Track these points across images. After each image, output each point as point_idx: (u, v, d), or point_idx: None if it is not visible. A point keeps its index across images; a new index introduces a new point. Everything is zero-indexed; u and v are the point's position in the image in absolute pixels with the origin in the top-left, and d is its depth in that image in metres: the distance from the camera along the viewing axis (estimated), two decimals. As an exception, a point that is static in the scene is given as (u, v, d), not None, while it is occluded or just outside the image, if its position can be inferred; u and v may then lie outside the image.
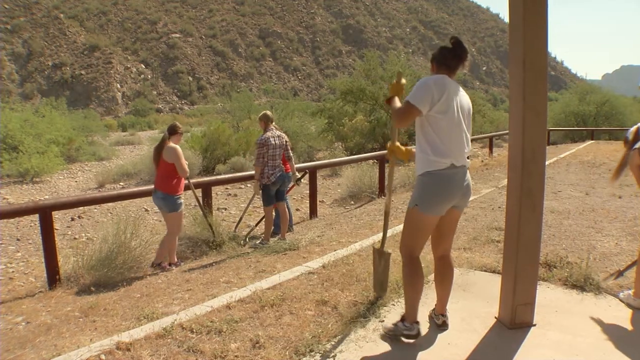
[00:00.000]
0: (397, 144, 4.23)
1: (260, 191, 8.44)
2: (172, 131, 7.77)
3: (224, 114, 38.11)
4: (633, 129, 5.00)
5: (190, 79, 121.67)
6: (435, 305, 4.33)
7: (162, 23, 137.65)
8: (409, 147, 4.23)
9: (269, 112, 8.78)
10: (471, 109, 4.04)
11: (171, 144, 7.63)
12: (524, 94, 3.95)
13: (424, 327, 4.15)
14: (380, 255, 4.49)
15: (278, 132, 8.54)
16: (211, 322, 4.38)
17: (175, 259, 7.69)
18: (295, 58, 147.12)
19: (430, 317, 4.35)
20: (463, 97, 3.90)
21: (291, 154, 8.77)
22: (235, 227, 9.44)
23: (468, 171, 3.96)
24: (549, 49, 4.34)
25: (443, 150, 3.75)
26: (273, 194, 8.48)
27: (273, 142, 8.32)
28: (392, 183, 4.53)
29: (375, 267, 4.66)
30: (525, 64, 3.93)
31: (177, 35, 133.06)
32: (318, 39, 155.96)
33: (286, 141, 8.60)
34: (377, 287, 4.67)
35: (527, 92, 3.96)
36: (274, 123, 8.75)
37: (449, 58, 3.92)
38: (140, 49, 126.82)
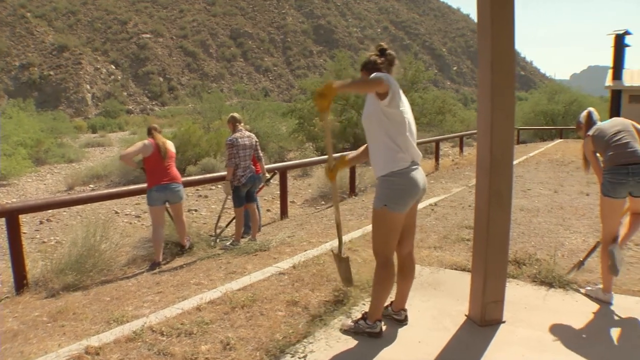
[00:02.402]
0: (334, 161, 4.18)
1: (231, 192, 8.43)
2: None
3: (194, 114, 37.89)
4: (584, 113, 5.13)
5: (161, 79, 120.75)
6: (393, 302, 4.36)
7: (132, 23, 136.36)
8: (343, 154, 4.25)
9: (236, 114, 8.82)
10: None
11: None
12: (492, 95, 3.99)
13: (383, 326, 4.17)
14: (339, 260, 4.51)
15: (247, 133, 8.53)
16: (181, 324, 4.35)
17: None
18: (266, 58, 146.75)
19: (387, 316, 4.36)
20: (405, 97, 3.95)
21: (261, 155, 8.76)
22: (215, 230, 9.38)
23: None
24: (519, 50, 4.40)
25: (406, 147, 3.80)
26: (243, 195, 8.48)
27: (242, 143, 8.32)
28: (338, 198, 4.50)
29: (337, 268, 4.67)
30: (493, 66, 3.98)
31: (148, 35, 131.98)
32: (289, 40, 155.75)
33: (256, 142, 8.59)
34: (345, 283, 4.69)
35: (495, 93, 4.00)
36: (242, 124, 8.75)
37: (380, 64, 3.97)
38: (110, 49, 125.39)
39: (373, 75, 3.72)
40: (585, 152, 5.05)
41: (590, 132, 4.92)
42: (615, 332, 4.26)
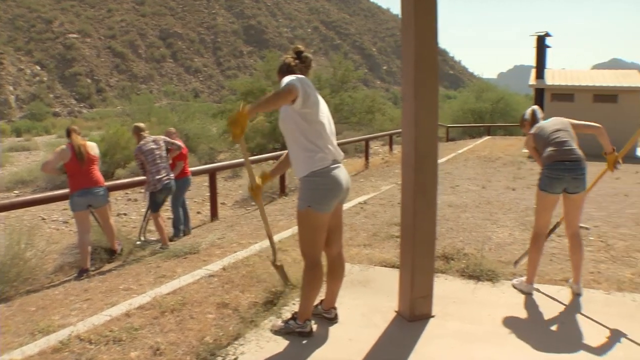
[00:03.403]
0: (258, 179, 4.18)
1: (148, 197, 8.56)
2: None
3: (123, 116, 37.18)
4: (529, 111, 5.36)
5: (89, 81, 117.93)
6: (324, 301, 4.37)
7: (58, 22, 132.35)
8: (263, 171, 4.25)
9: (139, 124, 9.04)
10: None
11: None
12: (415, 92, 4.04)
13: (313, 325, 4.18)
14: (275, 267, 4.50)
15: (152, 138, 8.66)
16: (110, 331, 4.24)
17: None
18: (196, 59, 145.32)
19: (317, 314, 4.37)
20: (320, 97, 3.95)
21: (179, 144, 9.05)
22: (142, 234, 9.22)
23: None
24: (449, 50, 4.46)
25: (325, 146, 3.81)
26: (160, 201, 8.52)
27: (147, 149, 8.41)
28: (265, 214, 4.48)
29: (277, 273, 4.65)
30: (416, 63, 4.02)
31: (75, 35, 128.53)
32: (219, 40, 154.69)
33: (165, 141, 8.73)
34: (283, 281, 4.68)
35: (419, 90, 4.05)
36: (147, 132, 8.94)
37: (294, 67, 3.97)
38: (34, 49, 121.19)
39: (283, 81, 3.68)
40: (528, 148, 5.27)
41: (532, 130, 5.14)
42: (539, 320, 4.42)
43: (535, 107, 5.44)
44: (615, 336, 4.07)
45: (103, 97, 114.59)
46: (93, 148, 7.87)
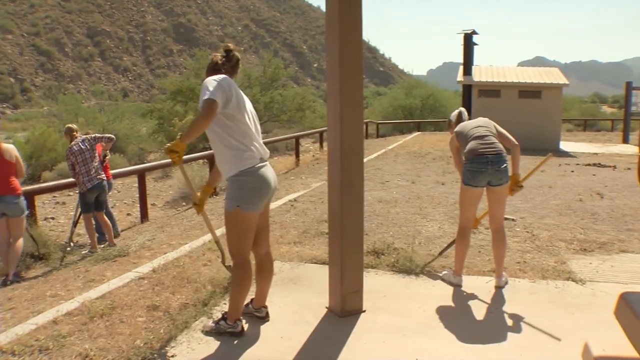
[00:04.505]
0: (197, 193, 4.17)
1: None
2: None
3: (50, 117, 36.20)
4: (456, 112, 5.46)
5: (12, 80, 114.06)
6: (254, 300, 4.36)
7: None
8: (204, 185, 4.24)
9: (71, 125, 9.02)
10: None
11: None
12: (340, 88, 4.05)
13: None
14: (226, 267, 4.47)
15: (82, 137, 8.55)
16: (36, 340, 4.09)
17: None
18: (125, 58, 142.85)
19: (248, 314, 4.36)
20: (245, 96, 3.95)
21: (108, 135, 9.00)
22: (69, 239, 8.99)
23: None
24: (379, 47, 4.49)
25: (252, 145, 3.81)
26: (91, 202, 8.35)
27: (77, 149, 8.27)
28: (211, 224, 4.45)
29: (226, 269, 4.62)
30: (341, 60, 4.04)
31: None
32: (149, 38, 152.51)
33: (93, 137, 8.61)
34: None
35: (344, 86, 4.06)
36: (78, 132, 8.85)
37: (220, 65, 3.97)
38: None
39: (202, 94, 3.65)
40: (450, 148, 5.34)
41: (456, 129, 5.23)
42: (468, 311, 4.53)
43: (462, 109, 5.55)
44: (540, 321, 4.22)
45: (28, 97, 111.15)
46: (8, 151, 7.31)
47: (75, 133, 8.65)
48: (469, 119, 5.38)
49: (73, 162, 8.24)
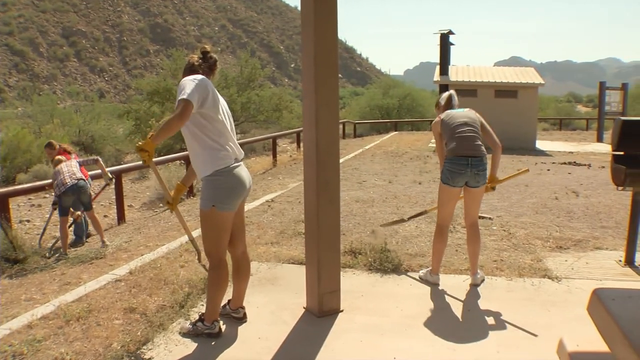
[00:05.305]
0: (171, 193, 4.15)
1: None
2: None
3: (24, 118, 35.78)
4: (446, 94, 5.34)
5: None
6: (231, 301, 4.36)
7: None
8: (178, 184, 4.21)
9: (52, 141, 9.36)
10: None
11: None
12: (316, 88, 4.04)
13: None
14: (202, 266, 4.45)
15: (67, 168, 8.45)
16: (10, 345, 4.04)
17: None
18: (101, 58, 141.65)
19: (225, 315, 4.36)
20: (220, 96, 3.94)
21: (94, 157, 8.86)
22: (40, 240, 8.90)
23: None
24: (356, 47, 4.48)
25: (228, 145, 3.81)
26: (67, 205, 8.25)
27: (66, 169, 8.35)
28: (185, 222, 4.44)
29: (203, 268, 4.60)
30: (316, 59, 4.03)
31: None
32: (125, 38, 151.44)
33: (79, 162, 8.77)
34: None
35: (319, 86, 4.06)
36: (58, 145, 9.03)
37: (197, 67, 3.96)
38: None
39: (178, 94, 3.62)
40: (433, 132, 5.28)
41: (442, 116, 5.15)
42: (446, 310, 4.56)
43: (453, 91, 5.43)
44: (516, 319, 4.26)
45: (1, 97, 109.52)
46: None
47: (54, 149, 8.70)
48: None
49: (56, 171, 8.31)
